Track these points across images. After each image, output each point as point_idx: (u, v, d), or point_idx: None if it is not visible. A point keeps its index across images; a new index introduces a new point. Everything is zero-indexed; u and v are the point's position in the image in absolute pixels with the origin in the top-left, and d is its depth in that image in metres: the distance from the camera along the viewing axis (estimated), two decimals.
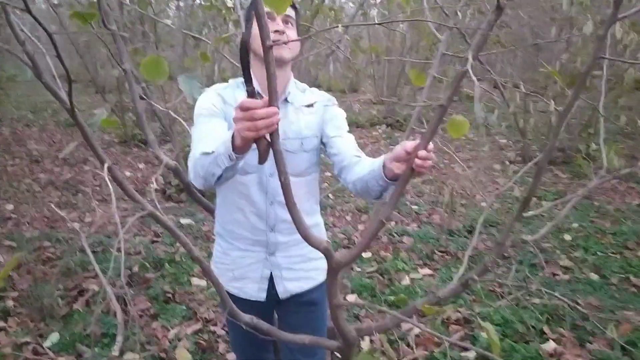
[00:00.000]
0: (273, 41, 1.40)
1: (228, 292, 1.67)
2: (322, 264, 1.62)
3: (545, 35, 6.48)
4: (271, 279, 1.66)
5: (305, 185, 1.61)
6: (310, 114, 1.60)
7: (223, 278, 1.68)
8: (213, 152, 1.26)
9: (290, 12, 1.51)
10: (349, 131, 1.68)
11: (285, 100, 1.57)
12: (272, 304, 1.72)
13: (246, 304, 1.64)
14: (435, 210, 4.95)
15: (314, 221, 1.72)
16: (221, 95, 1.56)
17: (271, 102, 1.03)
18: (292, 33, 1.52)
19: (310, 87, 1.70)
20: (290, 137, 1.56)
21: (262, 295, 1.66)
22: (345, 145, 1.57)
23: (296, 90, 1.62)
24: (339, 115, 1.65)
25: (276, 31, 1.46)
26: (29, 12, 0.90)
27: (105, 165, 0.97)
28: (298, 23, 1.57)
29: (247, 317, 1.35)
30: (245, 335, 1.47)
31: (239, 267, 1.66)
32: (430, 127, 1.08)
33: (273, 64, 0.97)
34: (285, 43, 1.02)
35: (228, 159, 1.22)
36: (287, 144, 1.55)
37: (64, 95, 1.07)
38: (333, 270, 1.25)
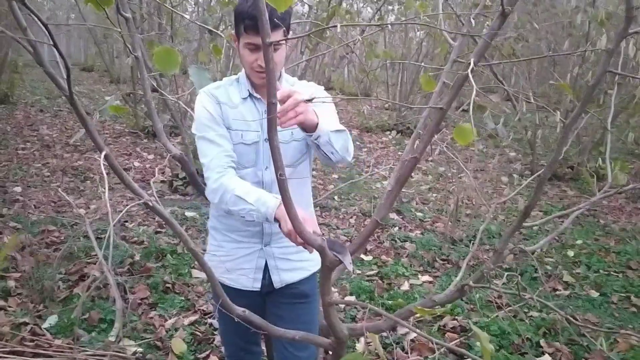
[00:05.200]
0: (258, 71, 1.51)
1: (222, 284, 1.69)
2: (316, 255, 1.64)
3: (562, 50, 6.45)
4: (265, 269, 1.69)
5: (296, 174, 1.64)
6: None
7: (217, 270, 1.70)
8: (251, 204, 1.43)
9: (277, 37, 1.46)
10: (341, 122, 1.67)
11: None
12: (264, 295, 1.75)
13: (240, 294, 1.67)
14: (439, 218, 4.94)
15: (307, 211, 1.74)
16: (215, 96, 1.61)
17: (269, 97, 1.05)
18: (279, 56, 1.53)
19: (324, 89, 1.73)
20: (281, 129, 1.58)
21: (256, 286, 1.70)
22: None
23: (286, 85, 1.64)
24: (326, 103, 1.63)
25: (260, 66, 1.51)
26: (23, 3, 0.92)
27: (102, 154, 0.99)
28: (289, 27, 1.55)
29: (239, 310, 1.37)
30: (235, 327, 1.50)
31: (234, 259, 1.69)
32: (429, 129, 1.09)
33: (272, 61, 1.00)
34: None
35: (264, 220, 1.43)
36: (279, 135, 1.58)
37: (63, 82, 1.09)
38: (327, 268, 1.27)
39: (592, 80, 1.44)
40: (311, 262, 1.74)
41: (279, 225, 1.40)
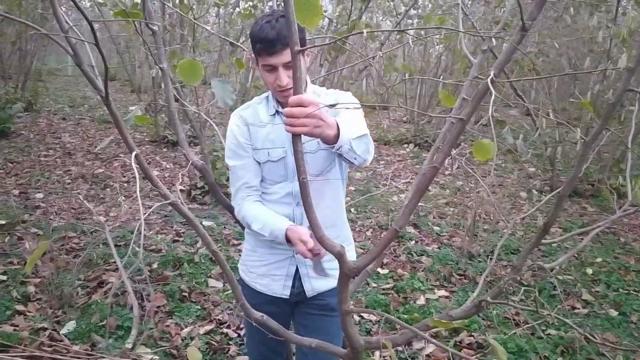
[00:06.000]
0: (280, 90, 1.56)
1: (254, 289, 1.79)
2: None
3: (582, 66, 6.41)
4: (296, 277, 1.74)
5: (327, 182, 1.69)
6: None
7: (250, 275, 1.80)
8: (267, 236, 1.63)
9: (287, 55, 1.49)
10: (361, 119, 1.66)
11: None
12: (293, 304, 1.80)
13: (270, 302, 1.75)
14: (456, 232, 4.92)
15: (339, 218, 1.77)
16: (243, 118, 1.70)
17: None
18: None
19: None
20: (307, 139, 1.62)
21: (286, 293, 1.75)
22: None
23: (313, 96, 1.68)
24: (349, 106, 1.66)
25: (279, 85, 1.55)
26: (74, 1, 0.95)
27: (133, 154, 1.02)
28: (304, 41, 1.57)
29: (257, 315, 1.39)
30: (260, 335, 1.53)
31: (266, 264, 1.75)
32: (449, 140, 1.10)
33: (299, 69, 1.04)
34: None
35: (285, 244, 1.61)
36: (305, 145, 1.62)
37: (100, 84, 1.12)
38: (345, 275, 1.28)
39: (613, 99, 1.43)
40: None
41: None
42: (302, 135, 1.61)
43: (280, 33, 1.48)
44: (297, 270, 1.74)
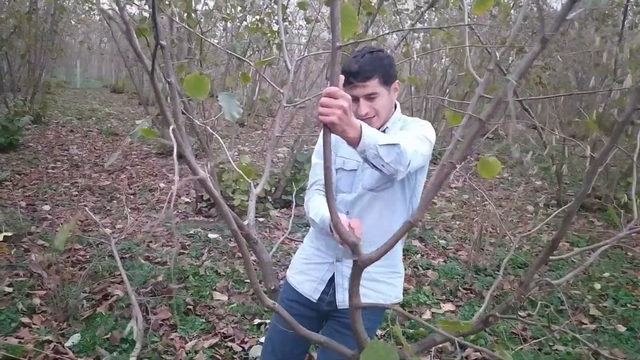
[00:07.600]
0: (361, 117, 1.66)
1: (290, 285, 1.89)
2: (386, 289, 1.82)
3: (589, 81, 6.41)
4: (331, 285, 1.80)
5: (378, 199, 1.76)
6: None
7: (291, 270, 1.91)
8: (318, 224, 1.72)
9: (371, 88, 1.66)
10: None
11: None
12: (322, 314, 1.85)
13: (302, 301, 1.84)
14: (462, 246, 4.89)
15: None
16: None
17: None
18: (378, 104, 1.69)
19: None
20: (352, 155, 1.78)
21: (315, 296, 1.82)
22: None
23: (397, 123, 1.79)
24: (412, 127, 1.73)
25: (359, 115, 1.66)
26: None
27: (171, 127, 1.05)
28: (389, 76, 1.70)
29: (269, 302, 1.38)
30: (281, 338, 1.56)
31: (308, 263, 1.85)
32: (467, 140, 1.10)
33: (338, 65, 1.09)
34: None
35: (330, 233, 1.64)
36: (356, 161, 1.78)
37: (147, 61, 1.13)
38: (358, 267, 1.28)
39: (622, 117, 1.42)
40: (381, 295, 1.82)
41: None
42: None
43: (362, 68, 1.64)
44: (333, 278, 1.79)
